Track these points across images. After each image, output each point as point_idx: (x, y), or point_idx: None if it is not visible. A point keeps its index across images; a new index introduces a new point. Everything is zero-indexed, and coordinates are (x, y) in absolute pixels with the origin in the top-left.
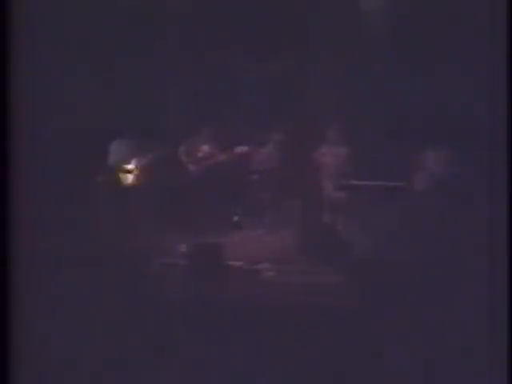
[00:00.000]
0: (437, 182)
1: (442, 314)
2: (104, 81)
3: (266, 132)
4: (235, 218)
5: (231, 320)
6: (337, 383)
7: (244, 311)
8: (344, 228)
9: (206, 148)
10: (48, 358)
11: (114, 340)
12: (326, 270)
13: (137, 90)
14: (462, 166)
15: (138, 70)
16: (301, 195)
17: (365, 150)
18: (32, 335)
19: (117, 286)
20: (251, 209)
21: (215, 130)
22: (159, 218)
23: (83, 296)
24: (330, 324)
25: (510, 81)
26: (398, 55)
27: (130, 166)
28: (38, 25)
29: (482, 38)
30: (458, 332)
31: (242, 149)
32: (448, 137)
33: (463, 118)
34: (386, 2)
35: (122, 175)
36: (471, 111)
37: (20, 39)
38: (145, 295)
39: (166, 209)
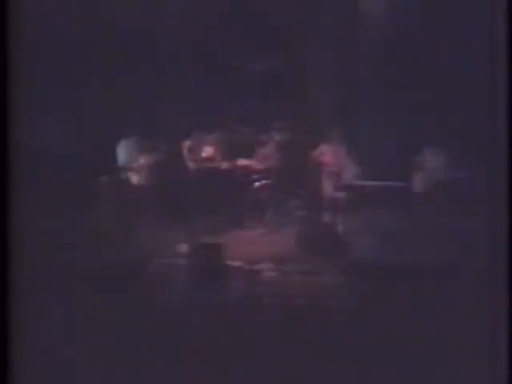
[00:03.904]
0: (437, 183)
1: (441, 314)
2: (105, 81)
3: (267, 132)
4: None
5: (231, 319)
6: (337, 383)
7: (244, 310)
8: (344, 228)
9: (206, 148)
10: (48, 359)
11: (113, 340)
12: (326, 270)
13: (137, 91)
14: (462, 167)
15: (139, 69)
16: (301, 195)
17: (365, 150)
18: (32, 336)
19: (117, 286)
20: (251, 209)
21: (216, 129)
22: (159, 218)
23: (83, 297)
24: (330, 324)
25: (510, 82)
26: (397, 55)
27: (130, 166)
28: (37, 25)
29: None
30: (458, 332)
31: (242, 149)
32: (448, 138)
33: (463, 119)
34: (385, 4)
35: (123, 176)
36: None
37: (20, 39)
38: (145, 295)
39: (166, 209)
